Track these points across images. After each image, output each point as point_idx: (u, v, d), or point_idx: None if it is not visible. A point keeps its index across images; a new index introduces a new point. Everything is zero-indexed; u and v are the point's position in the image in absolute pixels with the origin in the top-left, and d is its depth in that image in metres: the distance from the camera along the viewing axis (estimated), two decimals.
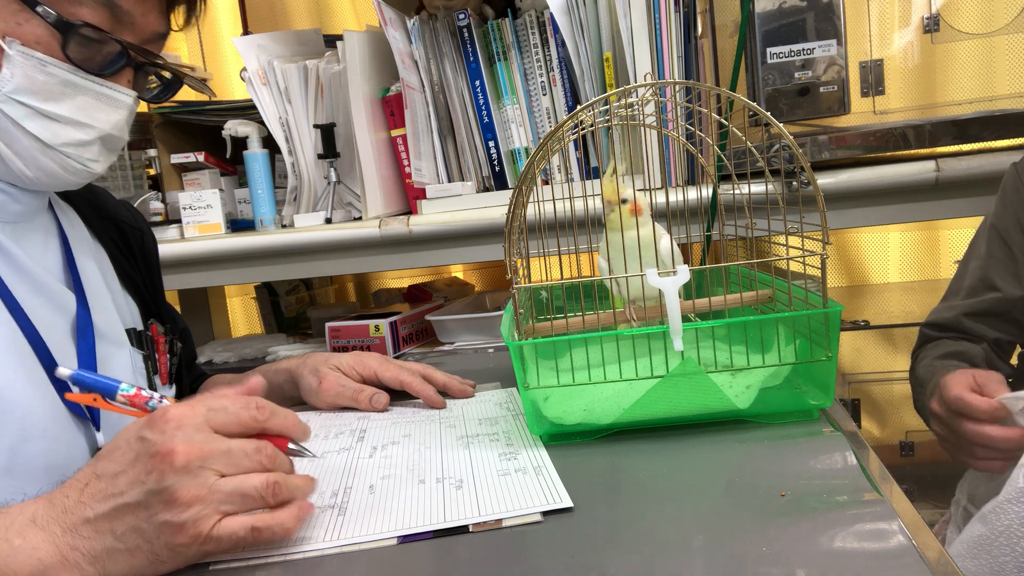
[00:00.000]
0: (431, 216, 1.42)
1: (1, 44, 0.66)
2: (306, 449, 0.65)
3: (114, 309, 0.84)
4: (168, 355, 0.90)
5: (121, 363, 0.81)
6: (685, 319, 0.79)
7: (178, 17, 0.77)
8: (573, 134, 0.89)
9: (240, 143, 1.59)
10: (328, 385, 0.93)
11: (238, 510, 0.56)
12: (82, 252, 0.83)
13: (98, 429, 0.75)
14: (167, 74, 0.79)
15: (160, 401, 0.65)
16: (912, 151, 1.29)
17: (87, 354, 0.76)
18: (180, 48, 2.24)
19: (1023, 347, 1.13)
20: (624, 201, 0.84)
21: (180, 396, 0.94)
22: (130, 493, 0.54)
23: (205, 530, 0.54)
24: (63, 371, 0.62)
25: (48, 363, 0.72)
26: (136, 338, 0.85)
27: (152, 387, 0.86)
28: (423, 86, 1.46)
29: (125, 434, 0.58)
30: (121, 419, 0.76)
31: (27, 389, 0.70)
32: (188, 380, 1.02)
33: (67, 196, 0.87)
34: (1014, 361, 1.14)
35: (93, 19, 0.68)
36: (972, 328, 1.10)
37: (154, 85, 0.79)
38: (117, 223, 0.92)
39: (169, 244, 1.52)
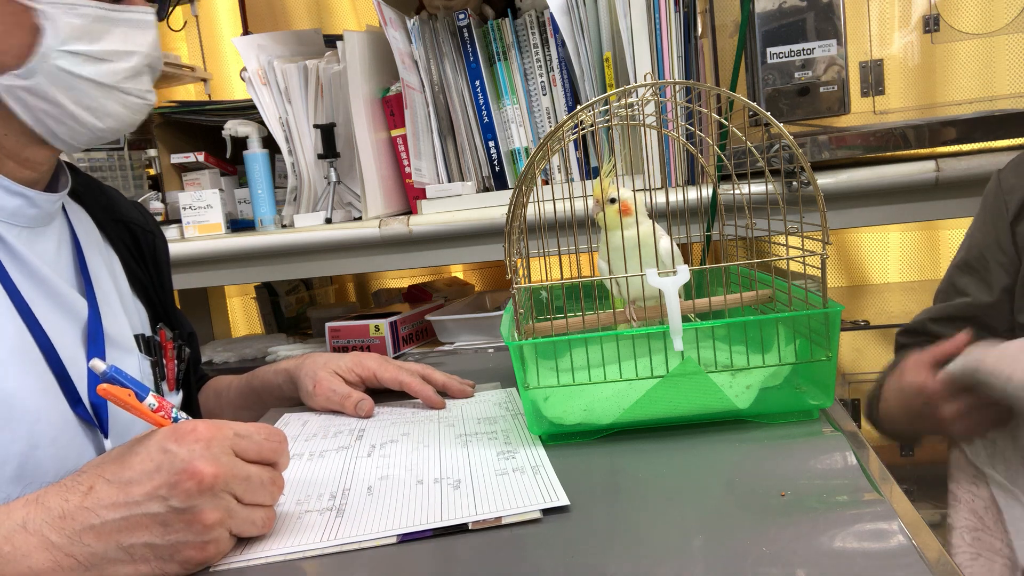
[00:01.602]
0: (431, 216, 1.42)
1: (31, 5, 0.67)
2: None
3: (124, 315, 0.83)
4: (176, 361, 0.89)
5: (129, 369, 0.81)
6: (685, 319, 0.79)
7: None
8: (573, 134, 0.89)
9: (240, 143, 1.59)
10: (320, 390, 0.94)
11: (242, 535, 0.58)
12: (94, 257, 0.83)
13: (106, 436, 0.74)
14: None
15: (183, 417, 0.64)
16: (912, 151, 1.29)
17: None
18: (180, 48, 2.24)
19: None
20: (613, 200, 0.84)
21: (187, 402, 0.93)
22: (147, 505, 0.53)
23: (222, 552, 0.56)
24: (99, 364, 0.61)
25: (58, 370, 0.71)
26: (144, 344, 0.85)
27: (159, 393, 0.85)
28: (423, 86, 1.46)
29: (143, 441, 0.56)
30: (128, 428, 0.76)
31: (37, 396, 0.69)
32: (195, 384, 1.02)
33: (80, 199, 0.87)
34: None
35: None
36: (937, 332, 1.10)
37: None
38: (129, 226, 0.93)
39: (169, 244, 1.52)
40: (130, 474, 0.54)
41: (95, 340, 0.76)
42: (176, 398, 0.89)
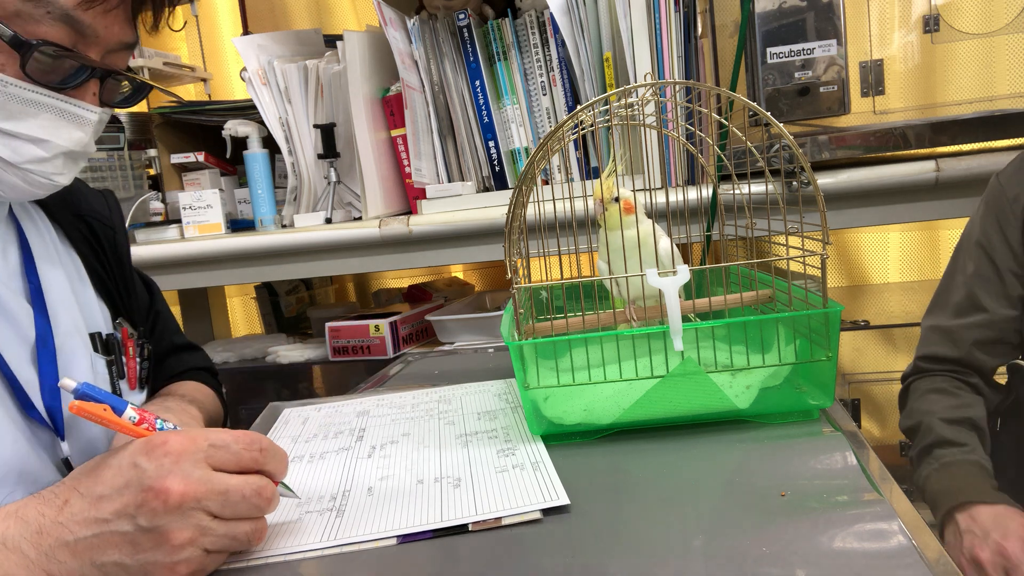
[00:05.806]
0: (431, 216, 1.42)
1: None
2: (292, 491, 0.64)
3: (79, 315, 0.80)
4: (138, 359, 0.86)
5: (81, 369, 0.77)
6: (685, 319, 0.79)
7: (145, 22, 0.74)
8: (573, 134, 0.89)
9: (240, 143, 1.59)
10: None
11: (224, 552, 0.56)
12: (46, 259, 0.79)
13: (63, 439, 0.72)
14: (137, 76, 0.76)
15: (170, 428, 0.62)
16: (912, 151, 1.29)
17: (48, 364, 0.73)
18: (180, 48, 2.24)
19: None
20: (617, 199, 0.84)
21: (152, 395, 0.90)
22: (116, 523, 0.52)
23: (197, 571, 0.54)
24: (68, 382, 0.59)
25: (7, 374, 0.69)
26: (101, 343, 0.82)
27: (117, 392, 0.82)
28: (423, 86, 1.46)
29: (118, 453, 0.55)
30: (88, 427, 0.73)
31: None
32: (168, 375, 0.97)
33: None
34: (1002, 369, 1.13)
35: (53, 36, 0.64)
36: (977, 359, 1.09)
37: (126, 90, 0.74)
38: (87, 220, 0.88)
39: (169, 244, 1.52)
40: (101, 488, 0.53)
41: (45, 343, 0.73)
42: (139, 396, 0.87)
